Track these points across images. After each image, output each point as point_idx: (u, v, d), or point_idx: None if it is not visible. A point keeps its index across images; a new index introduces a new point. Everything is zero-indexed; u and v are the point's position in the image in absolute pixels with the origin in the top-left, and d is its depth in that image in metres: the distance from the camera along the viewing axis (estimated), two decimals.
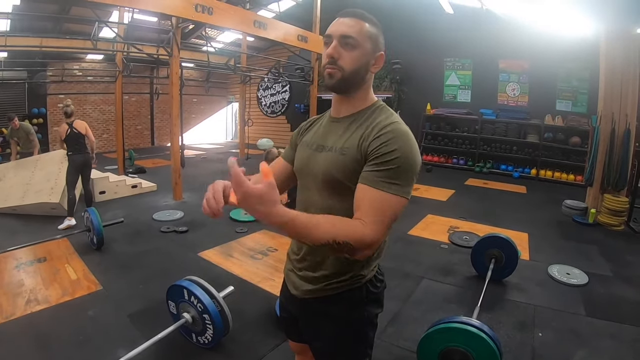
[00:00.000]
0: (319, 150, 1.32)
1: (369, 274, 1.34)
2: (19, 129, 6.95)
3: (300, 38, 8.88)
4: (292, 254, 1.45)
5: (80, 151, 5.50)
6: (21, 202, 5.71)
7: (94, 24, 7.29)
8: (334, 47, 1.20)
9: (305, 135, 1.45)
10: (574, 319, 3.30)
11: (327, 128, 1.36)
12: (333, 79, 1.23)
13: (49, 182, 5.88)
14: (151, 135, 15.34)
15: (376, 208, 1.08)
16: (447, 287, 3.88)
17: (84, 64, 12.44)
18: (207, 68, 9.84)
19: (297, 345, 1.62)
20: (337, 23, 1.22)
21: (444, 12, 10.42)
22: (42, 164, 6.33)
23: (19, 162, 6.69)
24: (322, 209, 1.26)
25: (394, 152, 1.10)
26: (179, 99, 7.14)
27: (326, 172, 1.25)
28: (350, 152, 1.20)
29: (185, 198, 7.11)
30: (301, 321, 1.46)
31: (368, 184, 1.11)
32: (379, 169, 1.11)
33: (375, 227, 1.06)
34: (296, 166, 1.42)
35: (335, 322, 1.34)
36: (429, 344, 2.36)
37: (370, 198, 1.09)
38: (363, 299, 1.33)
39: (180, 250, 4.72)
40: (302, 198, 1.40)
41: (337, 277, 1.30)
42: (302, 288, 1.37)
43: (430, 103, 11.73)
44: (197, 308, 2.64)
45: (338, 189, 1.24)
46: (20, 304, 3.30)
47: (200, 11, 6.12)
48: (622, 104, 6.10)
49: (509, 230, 5.31)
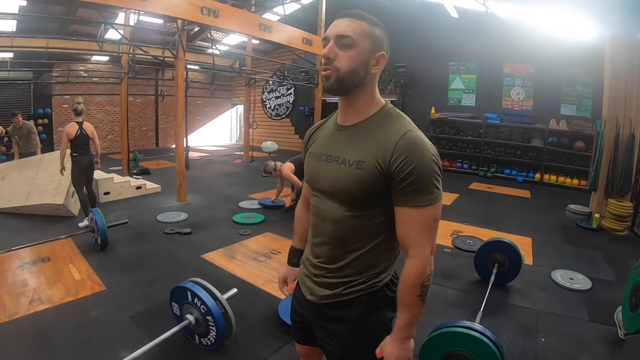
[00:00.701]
0: (328, 161, 1.31)
1: (386, 278, 1.34)
2: (21, 127, 6.96)
3: (305, 41, 8.90)
4: (308, 260, 1.45)
5: (86, 153, 5.47)
6: (25, 202, 5.74)
7: (100, 26, 7.33)
8: (330, 47, 1.20)
9: (312, 145, 1.44)
10: (577, 324, 3.28)
11: (334, 137, 1.34)
12: (329, 81, 1.22)
13: (52, 182, 5.90)
14: (156, 137, 15.41)
15: (419, 227, 1.18)
16: (450, 291, 3.87)
17: (89, 65, 12.53)
18: (212, 70, 9.85)
19: (305, 349, 1.63)
20: (334, 24, 1.22)
21: (448, 15, 10.42)
22: (46, 164, 6.35)
23: (22, 161, 6.69)
24: (336, 220, 1.30)
25: (414, 171, 1.14)
26: (184, 100, 7.17)
27: (343, 188, 1.25)
28: (367, 166, 1.20)
29: (189, 200, 7.13)
30: (315, 325, 1.46)
31: (403, 205, 1.19)
32: (407, 190, 1.16)
33: (424, 248, 1.19)
34: (307, 178, 1.43)
35: (351, 326, 1.34)
36: (432, 348, 2.35)
37: (410, 220, 1.19)
38: (380, 303, 1.34)
39: (183, 252, 4.73)
40: (316, 207, 1.40)
41: (355, 282, 1.31)
42: (320, 294, 1.37)
43: (434, 107, 11.72)
44: (201, 310, 2.64)
45: (355, 203, 1.26)
46: (23, 303, 3.31)
47: (206, 14, 6.14)
48: (626, 109, 6.08)
49: (512, 235, 5.30)
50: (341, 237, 1.30)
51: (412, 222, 1.18)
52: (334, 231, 1.31)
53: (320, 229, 1.36)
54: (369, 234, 1.28)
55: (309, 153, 1.43)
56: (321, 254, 1.36)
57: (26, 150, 7.11)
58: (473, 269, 4.12)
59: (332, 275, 1.34)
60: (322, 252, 1.36)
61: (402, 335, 1.23)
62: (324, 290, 1.36)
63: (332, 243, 1.33)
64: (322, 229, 1.35)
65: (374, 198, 1.22)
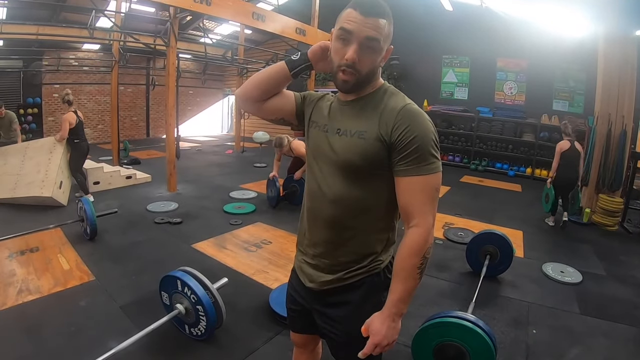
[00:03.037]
0: (331, 132, 1.30)
1: (387, 259, 1.34)
2: (3, 117, 6.82)
3: (299, 31, 8.82)
4: (305, 246, 1.42)
5: (85, 139, 5.99)
6: (13, 194, 5.64)
7: (90, 13, 7.19)
8: (356, 51, 1.15)
9: (314, 113, 1.42)
10: (568, 316, 3.31)
11: (337, 110, 1.34)
12: (348, 84, 1.21)
13: (39, 173, 5.76)
14: (146, 127, 15.24)
15: (421, 196, 1.17)
16: (442, 282, 3.88)
17: (80, 53, 12.31)
18: (204, 60, 9.77)
19: (302, 337, 1.61)
20: (362, 21, 1.13)
21: (443, 9, 10.41)
22: (32, 152, 6.19)
23: (6, 148, 6.54)
24: (337, 196, 1.27)
25: (416, 139, 1.14)
26: (175, 89, 7.09)
27: (345, 158, 1.24)
28: (370, 135, 1.20)
29: (179, 190, 7.07)
30: (316, 312, 1.43)
31: (406, 174, 1.17)
32: (408, 159, 1.16)
33: (427, 217, 1.17)
34: (311, 148, 1.40)
35: (353, 309, 1.32)
36: (424, 338, 2.35)
37: (413, 189, 1.17)
38: (381, 285, 1.31)
39: (173, 241, 4.69)
40: (315, 184, 1.35)
41: (357, 264, 1.30)
42: (320, 280, 1.35)
43: (427, 100, 11.71)
44: (191, 299, 2.61)
45: (354, 174, 1.24)
46: (11, 293, 3.26)
47: (198, 1, 6.05)
48: (618, 105, 6.12)
49: (503, 228, 5.30)
50: (339, 217, 1.28)
51: (415, 190, 1.17)
52: (331, 213, 1.29)
53: (317, 211, 1.34)
54: (367, 212, 1.27)
55: (312, 122, 1.41)
56: (319, 238, 1.34)
57: (7, 139, 6.96)
58: (465, 261, 4.13)
59: (331, 259, 1.32)
60: (320, 236, 1.34)
61: (392, 312, 1.19)
62: (324, 275, 1.34)
63: (329, 225, 1.30)
64: (319, 211, 1.32)
65: (375, 169, 1.22)
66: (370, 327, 1.20)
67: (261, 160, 10.64)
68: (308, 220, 1.39)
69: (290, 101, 1.45)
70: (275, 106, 1.44)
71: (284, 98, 1.44)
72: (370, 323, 1.21)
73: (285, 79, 1.38)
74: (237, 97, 1.47)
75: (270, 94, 1.41)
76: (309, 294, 1.42)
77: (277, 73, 1.37)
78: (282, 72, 1.37)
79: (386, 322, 1.18)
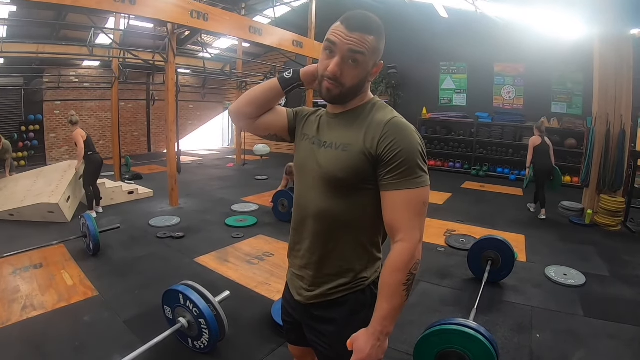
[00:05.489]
0: (317, 145, 1.31)
1: (372, 276, 1.32)
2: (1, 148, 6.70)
3: (296, 44, 8.89)
4: (292, 257, 1.43)
5: (97, 152, 6.33)
6: (20, 204, 5.70)
7: (90, 31, 7.27)
8: (337, 64, 1.16)
9: (305, 126, 1.43)
10: (572, 319, 3.30)
11: (325, 123, 1.35)
12: (331, 93, 1.22)
13: (49, 186, 5.98)
14: (148, 142, 15.31)
15: (408, 211, 1.15)
16: (444, 289, 3.87)
17: (80, 70, 12.43)
18: (203, 74, 9.83)
19: (298, 350, 1.61)
20: (345, 35, 1.15)
21: (438, 16, 10.47)
22: (46, 173, 6.42)
23: (20, 175, 6.63)
24: (319, 209, 1.27)
25: (402, 153, 1.13)
26: (175, 104, 7.14)
27: (327, 171, 1.24)
28: (354, 148, 1.20)
29: (181, 204, 7.09)
30: (305, 326, 1.44)
31: (392, 188, 1.16)
32: (394, 173, 1.15)
33: (414, 233, 1.14)
34: (297, 161, 1.40)
35: (339, 326, 1.31)
36: (426, 346, 2.35)
37: (399, 203, 1.15)
38: (367, 302, 1.29)
39: (176, 255, 4.70)
40: (300, 197, 1.36)
41: (340, 278, 1.30)
42: (305, 294, 1.35)
43: (426, 107, 11.78)
44: (193, 312, 2.62)
45: (336, 188, 1.24)
46: (16, 309, 3.28)
47: (195, 17, 6.12)
48: (616, 105, 6.13)
49: (505, 233, 5.31)
50: (321, 231, 1.28)
51: (401, 205, 1.15)
52: (314, 226, 1.29)
53: (301, 223, 1.35)
54: (350, 226, 1.26)
55: (303, 135, 1.42)
56: (303, 249, 1.35)
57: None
58: (467, 267, 4.13)
59: (316, 274, 1.32)
60: (304, 247, 1.35)
61: (377, 330, 1.14)
62: (310, 290, 1.34)
63: (312, 237, 1.31)
64: (304, 226, 1.33)
65: (358, 182, 1.21)
66: (355, 343, 1.16)
67: (262, 172, 10.68)
68: (294, 231, 1.40)
69: (283, 117, 1.47)
70: (268, 122, 1.46)
71: (276, 114, 1.47)
72: (355, 339, 1.17)
73: (278, 96, 1.41)
74: (230, 114, 1.49)
75: (263, 111, 1.43)
76: (299, 307, 1.42)
77: (270, 90, 1.40)
78: (275, 89, 1.40)
79: (371, 340, 1.14)
